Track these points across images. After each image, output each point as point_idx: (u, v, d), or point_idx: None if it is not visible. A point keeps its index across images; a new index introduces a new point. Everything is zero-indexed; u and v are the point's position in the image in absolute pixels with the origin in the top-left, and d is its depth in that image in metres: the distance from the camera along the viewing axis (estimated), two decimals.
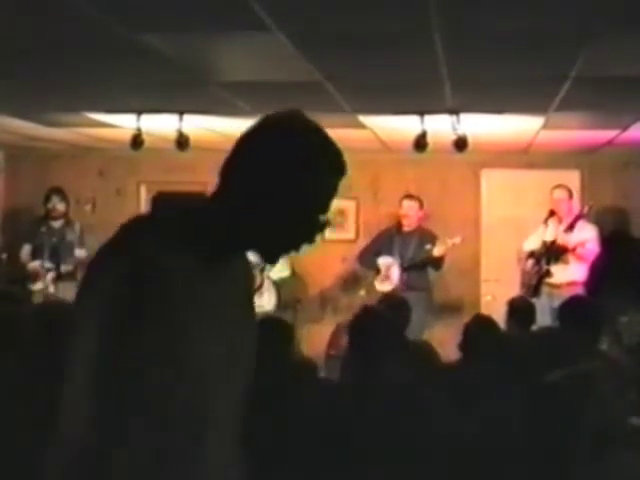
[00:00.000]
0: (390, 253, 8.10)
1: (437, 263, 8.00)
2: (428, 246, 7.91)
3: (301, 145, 1.68)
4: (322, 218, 1.72)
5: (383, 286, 8.00)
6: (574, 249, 7.65)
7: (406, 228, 8.21)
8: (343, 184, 1.75)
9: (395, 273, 8.03)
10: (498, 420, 3.68)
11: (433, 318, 8.00)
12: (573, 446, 2.58)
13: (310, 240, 1.73)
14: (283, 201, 1.67)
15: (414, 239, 8.10)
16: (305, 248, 1.76)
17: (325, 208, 1.72)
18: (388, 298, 6.09)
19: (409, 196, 8.34)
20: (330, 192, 1.72)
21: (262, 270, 8.14)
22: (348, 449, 3.43)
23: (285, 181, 1.66)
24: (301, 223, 1.70)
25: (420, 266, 8.00)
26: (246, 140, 1.71)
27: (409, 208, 8.24)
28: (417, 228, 8.20)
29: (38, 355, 3.45)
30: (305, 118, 1.73)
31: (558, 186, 8.03)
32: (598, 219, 8.15)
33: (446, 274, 8.42)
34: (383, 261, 8.10)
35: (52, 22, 3.90)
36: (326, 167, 1.70)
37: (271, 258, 1.75)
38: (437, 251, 7.87)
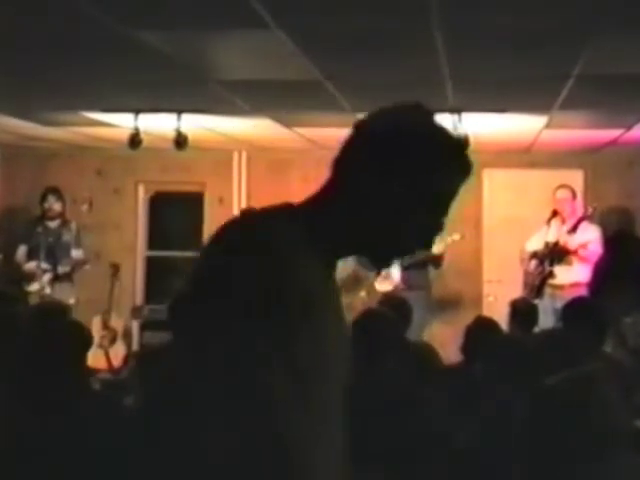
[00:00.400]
0: None
1: (437, 261, 8.00)
2: None
3: (431, 147, 1.60)
4: (441, 221, 1.65)
5: (383, 286, 8.00)
6: (576, 251, 7.61)
7: None
8: None
9: (396, 272, 8.02)
10: (498, 420, 3.65)
11: (433, 316, 7.99)
12: (574, 447, 2.56)
13: (428, 245, 1.67)
14: (410, 204, 1.59)
15: None
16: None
17: (447, 211, 1.65)
18: (389, 299, 6.07)
19: None
20: (454, 194, 1.64)
21: None
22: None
23: (413, 184, 1.58)
24: (423, 227, 1.64)
25: (420, 265, 7.99)
26: (369, 139, 1.61)
27: None
28: None
29: (35, 355, 3.42)
30: (429, 114, 1.65)
31: (561, 186, 7.99)
32: (602, 219, 8.11)
33: (446, 273, 8.40)
34: None
35: (50, 20, 3.87)
36: (454, 169, 1.63)
37: (383, 263, 1.69)
38: (436, 249, 7.84)
